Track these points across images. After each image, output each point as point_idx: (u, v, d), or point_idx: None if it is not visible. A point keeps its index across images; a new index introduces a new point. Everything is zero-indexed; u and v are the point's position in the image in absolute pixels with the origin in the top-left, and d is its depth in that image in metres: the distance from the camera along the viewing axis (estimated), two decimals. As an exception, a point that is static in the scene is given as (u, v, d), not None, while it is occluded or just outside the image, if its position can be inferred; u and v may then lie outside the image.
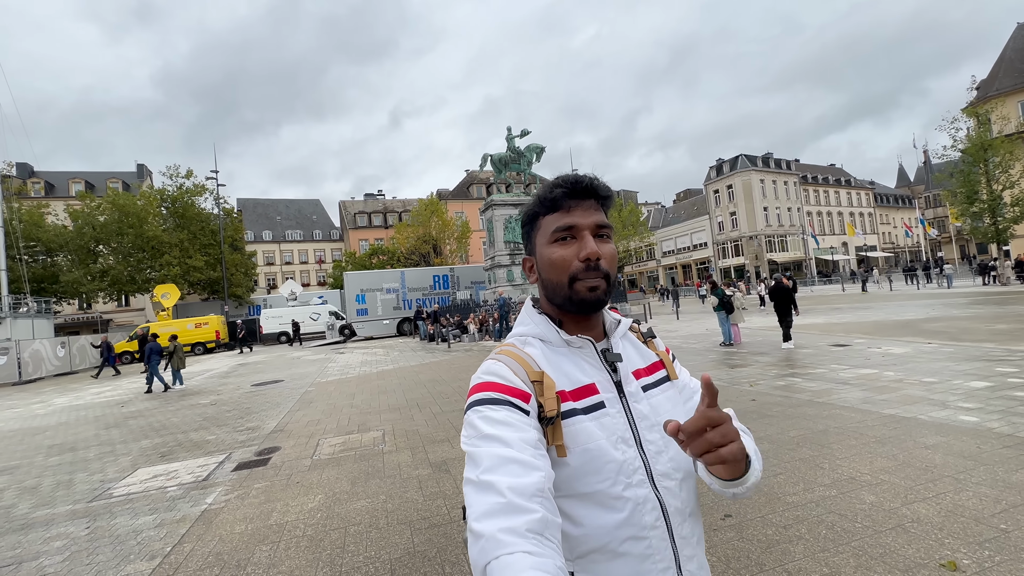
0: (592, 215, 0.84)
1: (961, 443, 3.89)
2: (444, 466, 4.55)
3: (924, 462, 3.59)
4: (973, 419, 4.44)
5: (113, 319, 40.80)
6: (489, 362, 0.83)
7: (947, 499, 3.00)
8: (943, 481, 3.24)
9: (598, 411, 0.79)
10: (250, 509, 3.92)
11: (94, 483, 5.08)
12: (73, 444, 7.16)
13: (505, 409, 0.73)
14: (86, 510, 4.28)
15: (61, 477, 5.44)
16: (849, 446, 4.05)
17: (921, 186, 68.64)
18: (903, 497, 3.07)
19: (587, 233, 0.83)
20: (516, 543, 0.58)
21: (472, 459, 0.69)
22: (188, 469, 5.23)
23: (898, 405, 5.10)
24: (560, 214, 0.84)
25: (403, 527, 3.35)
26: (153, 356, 12.92)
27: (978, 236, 25.81)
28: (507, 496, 0.62)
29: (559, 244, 0.84)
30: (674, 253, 59.53)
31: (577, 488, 0.75)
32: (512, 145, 23.42)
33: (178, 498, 4.36)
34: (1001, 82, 32.25)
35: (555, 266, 0.83)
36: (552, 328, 0.86)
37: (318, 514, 3.70)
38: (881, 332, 10.73)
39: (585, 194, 0.84)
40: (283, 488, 4.35)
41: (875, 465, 3.61)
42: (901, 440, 4.08)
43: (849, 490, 3.24)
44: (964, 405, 4.89)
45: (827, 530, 2.78)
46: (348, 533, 3.33)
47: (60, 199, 40.91)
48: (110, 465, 5.76)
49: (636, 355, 0.91)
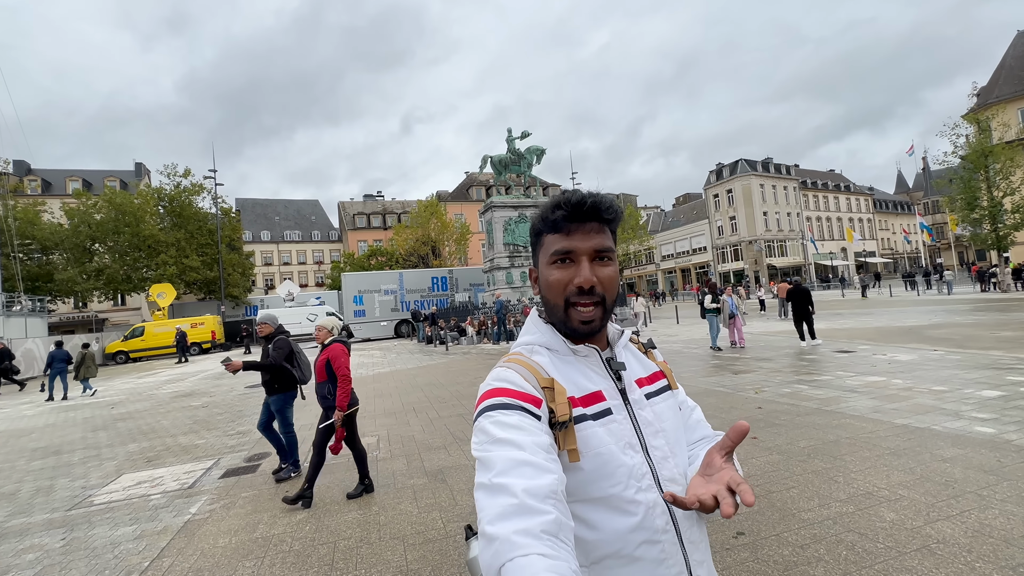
0: (592, 239, 0.83)
1: (980, 456, 3.73)
2: (440, 475, 4.37)
3: (943, 476, 3.42)
4: (990, 430, 4.27)
5: (109, 318, 40.49)
6: (499, 369, 0.83)
7: (972, 517, 2.83)
8: (966, 497, 3.08)
9: (606, 417, 0.80)
10: (235, 520, 3.73)
11: (75, 489, 4.88)
12: (58, 447, 6.95)
13: (517, 414, 0.73)
14: (63, 519, 4.08)
15: (42, 483, 5.24)
16: (863, 458, 3.88)
17: (920, 192, 68.78)
18: (925, 515, 2.90)
19: (584, 259, 0.83)
20: (531, 545, 0.57)
21: (484, 463, 0.68)
22: (174, 475, 5.04)
23: (910, 415, 4.94)
24: (560, 236, 0.84)
25: (396, 542, 3.16)
26: (56, 363, 12.58)
27: (978, 243, 25.74)
28: (521, 498, 0.61)
29: (557, 267, 0.84)
30: (673, 257, 59.41)
31: (591, 493, 0.75)
32: (512, 147, 23.23)
33: (161, 507, 4.16)
34: (1001, 89, 32.28)
35: (552, 288, 0.85)
36: (559, 337, 0.87)
37: (306, 527, 3.51)
38: (885, 338, 10.58)
39: (587, 217, 0.83)
40: (271, 498, 4.16)
41: (892, 479, 3.44)
42: (916, 452, 3.91)
43: (867, 506, 3.07)
44: (979, 415, 4.73)
45: (847, 551, 2.60)
46: (337, 548, 3.14)
47: (57, 197, 40.60)
48: (94, 470, 5.56)
49: (637, 364, 0.93)
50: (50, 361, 12.63)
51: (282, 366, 4.52)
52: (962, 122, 25.15)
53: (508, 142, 23.32)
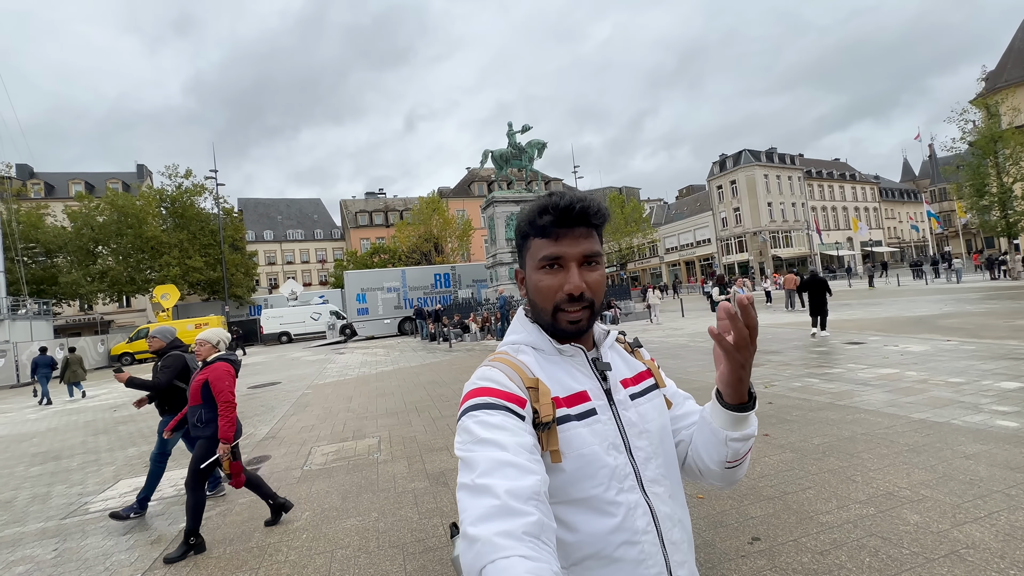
0: (580, 244, 0.82)
1: (1005, 452, 3.56)
2: (442, 478, 4.25)
3: (967, 474, 3.26)
4: (1013, 424, 4.10)
5: (114, 320, 40.69)
6: (483, 368, 0.82)
7: (1002, 519, 2.67)
8: (993, 498, 2.92)
9: (590, 417, 0.79)
10: (231, 529, 3.62)
11: (71, 496, 4.80)
12: (58, 452, 6.89)
13: (501, 414, 0.72)
14: (57, 528, 3.99)
15: (39, 490, 5.16)
16: (880, 455, 3.72)
17: (927, 180, 67.95)
18: (951, 517, 2.75)
19: (573, 265, 0.82)
20: (512, 547, 0.56)
21: (467, 464, 0.68)
22: (171, 481, 4.95)
23: (927, 408, 4.77)
24: (548, 242, 0.83)
25: (395, 551, 3.04)
26: (40, 369, 12.63)
27: (987, 230, 25.36)
28: (503, 499, 0.61)
29: (546, 272, 0.83)
30: (677, 250, 59.01)
31: (572, 494, 0.75)
32: (513, 141, 23.01)
33: (156, 515, 4.07)
34: (1010, 73, 31.70)
35: (540, 293, 0.84)
36: (545, 337, 0.86)
37: (303, 535, 3.39)
38: (895, 329, 10.37)
39: (575, 222, 0.82)
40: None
41: (913, 478, 3.28)
42: (937, 448, 3.75)
43: (888, 508, 2.92)
44: (999, 408, 4.55)
45: (870, 557, 2.46)
46: (335, 558, 3.02)
47: (60, 200, 40.74)
48: (92, 476, 5.48)
49: (623, 365, 0.92)
50: (34, 367, 12.69)
51: (173, 387, 4.03)
52: (970, 107, 24.72)
53: (509, 136, 23.11)
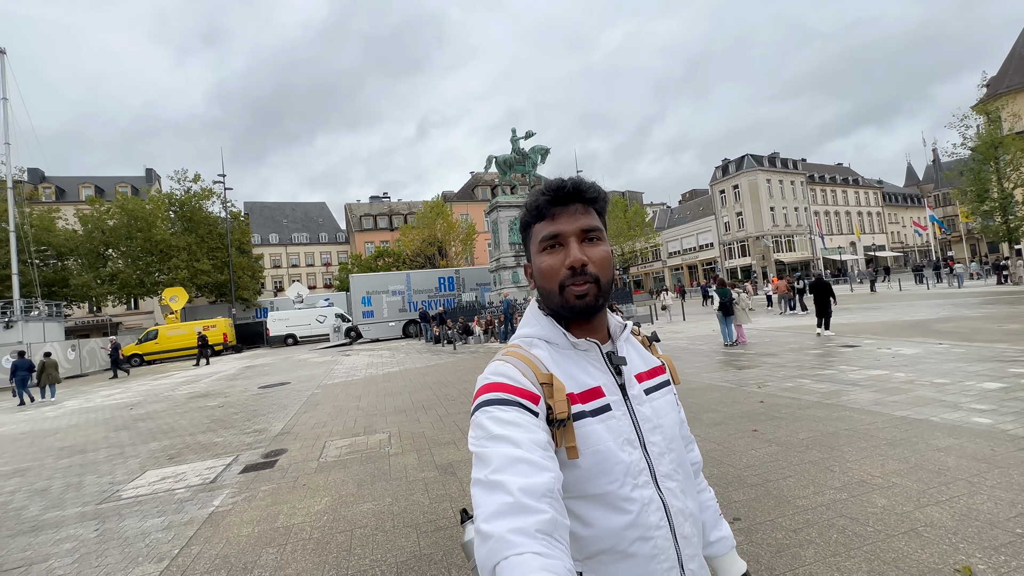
0: (578, 220, 0.83)
1: (975, 445, 3.83)
2: (450, 468, 4.54)
3: (937, 465, 3.53)
4: (986, 421, 4.37)
5: (123, 322, 41.23)
6: (496, 363, 0.82)
7: (961, 503, 2.94)
8: (956, 484, 3.19)
9: (605, 413, 0.80)
10: (257, 511, 3.93)
11: (103, 485, 5.12)
12: (83, 446, 7.23)
13: (514, 410, 0.73)
14: (95, 512, 4.31)
15: (71, 479, 5.49)
16: (860, 448, 3.99)
17: (930, 185, 67.92)
18: (915, 501, 3.02)
19: (572, 240, 0.82)
20: (526, 544, 0.57)
21: (481, 460, 0.69)
22: (196, 471, 5.26)
23: (909, 407, 5.03)
24: (546, 222, 0.84)
25: (409, 530, 3.34)
26: (19, 372, 13.09)
27: (989, 235, 25.49)
28: (516, 496, 0.62)
29: (547, 253, 0.84)
30: (680, 254, 59.22)
31: (587, 489, 0.76)
32: (517, 147, 23.39)
33: (186, 500, 4.38)
34: (1011, 79, 31.87)
35: (545, 275, 0.84)
36: (559, 330, 0.86)
37: (324, 517, 3.70)
38: (891, 332, 10.60)
39: (569, 199, 0.83)
40: (290, 490, 4.35)
41: (886, 468, 3.56)
42: (913, 442, 4.02)
43: (860, 493, 3.20)
44: (977, 407, 4.81)
45: (838, 534, 2.74)
46: (354, 536, 3.33)
47: (70, 204, 41.47)
48: (119, 467, 5.80)
49: (638, 358, 0.92)
50: (14, 370, 13.21)
51: None
52: (971, 113, 24.91)
53: (512, 142, 23.48)
